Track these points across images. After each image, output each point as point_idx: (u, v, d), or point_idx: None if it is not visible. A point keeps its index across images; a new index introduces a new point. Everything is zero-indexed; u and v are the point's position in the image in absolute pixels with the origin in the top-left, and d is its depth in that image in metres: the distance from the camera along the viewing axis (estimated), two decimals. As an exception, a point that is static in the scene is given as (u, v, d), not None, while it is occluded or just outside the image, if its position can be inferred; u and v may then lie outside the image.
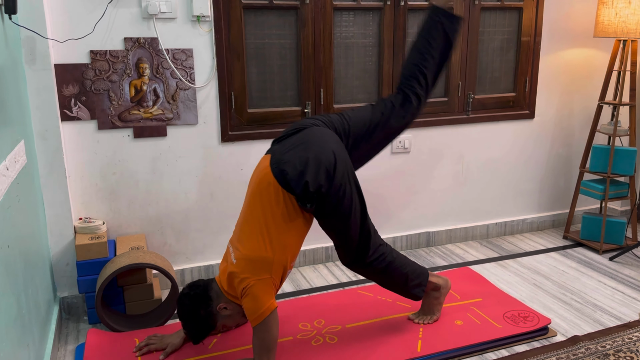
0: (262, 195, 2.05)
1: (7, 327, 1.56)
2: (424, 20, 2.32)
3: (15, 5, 1.96)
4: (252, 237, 2.05)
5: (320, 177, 2.02)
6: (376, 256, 2.24)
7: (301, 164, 2.01)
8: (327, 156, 2.05)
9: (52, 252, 2.59)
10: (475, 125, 3.39)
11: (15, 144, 1.98)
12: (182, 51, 2.68)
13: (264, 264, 2.03)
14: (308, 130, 2.15)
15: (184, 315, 2.15)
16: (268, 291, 2.02)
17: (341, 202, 2.09)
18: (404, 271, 2.32)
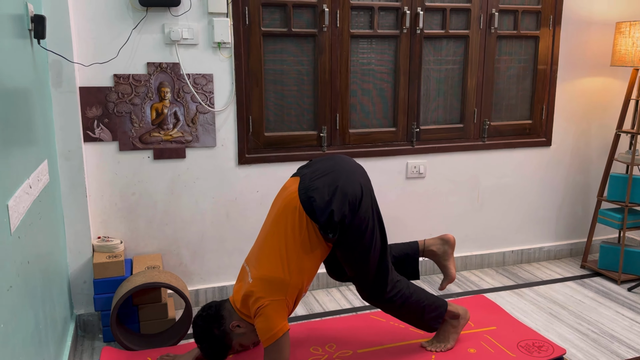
0: (286, 219, 2.08)
1: (24, 342, 1.59)
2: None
3: (44, 30, 2.06)
4: (271, 258, 2.08)
5: (345, 208, 2.05)
6: (394, 292, 2.25)
7: (329, 193, 2.05)
8: (354, 188, 2.09)
9: (70, 269, 2.64)
10: (491, 151, 3.40)
11: (39, 163, 2.05)
12: (202, 76, 2.75)
13: (280, 286, 2.04)
14: (339, 159, 2.20)
15: (199, 336, 2.17)
16: (281, 313, 2.04)
17: (363, 235, 2.12)
18: (422, 305, 2.32)
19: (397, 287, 2.26)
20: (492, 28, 3.22)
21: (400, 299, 2.26)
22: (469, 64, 3.24)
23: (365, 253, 2.16)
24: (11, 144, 1.60)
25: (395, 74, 3.14)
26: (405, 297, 2.27)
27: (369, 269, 2.19)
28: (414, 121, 3.21)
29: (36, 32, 2.04)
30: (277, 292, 2.04)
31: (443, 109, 3.29)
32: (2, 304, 1.38)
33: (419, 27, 3.07)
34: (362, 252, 2.16)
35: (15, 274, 1.54)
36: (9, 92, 1.63)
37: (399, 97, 3.15)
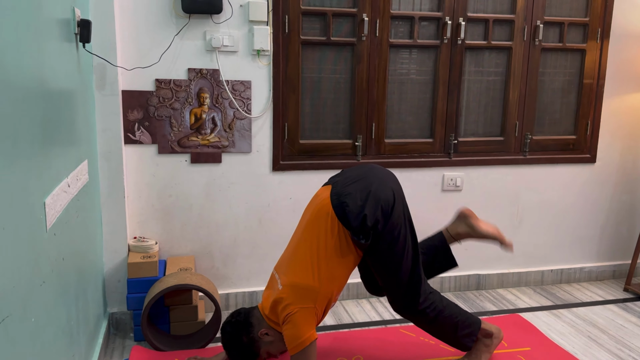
0: (318, 225, 2.07)
1: (55, 336, 1.63)
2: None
3: (89, 34, 2.13)
4: (302, 265, 2.06)
5: (378, 213, 2.03)
6: (427, 304, 2.20)
7: (362, 198, 2.03)
8: (386, 194, 2.07)
9: (105, 268, 2.70)
10: (532, 166, 3.30)
11: (79, 162, 2.11)
12: (241, 83, 2.78)
13: (310, 293, 2.03)
14: (371, 166, 2.20)
15: (227, 343, 2.18)
16: (310, 321, 2.02)
17: (395, 242, 2.09)
18: (455, 320, 2.26)
19: (430, 299, 2.20)
20: (536, 40, 3.14)
21: (433, 312, 2.20)
22: (511, 76, 3.17)
23: (398, 261, 2.12)
24: (52, 143, 1.65)
25: (434, 84, 3.10)
26: (438, 310, 2.21)
27: (401, 278, 2.15)
28: (452, 132, 3.15)
29: (82, 36, 2.11)
30: (306, 300, 2.03)
31: (483, 121, 3.22)
32: (35, 298, 1.42)
33: (460, 37, 3.03)
34: (394, 259, 2.12)
35: (50, 270, 1.58)
36: (53, 93, 1.69)
37: (437, 108, 3.11)
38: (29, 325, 1.36)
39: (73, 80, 2.03)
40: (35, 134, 1.47)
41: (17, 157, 1.30)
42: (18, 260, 1.28)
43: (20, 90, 1.33)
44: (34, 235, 1.43)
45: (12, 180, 1.26)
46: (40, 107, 1.53)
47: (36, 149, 1.47)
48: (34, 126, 1.46)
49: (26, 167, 1.37)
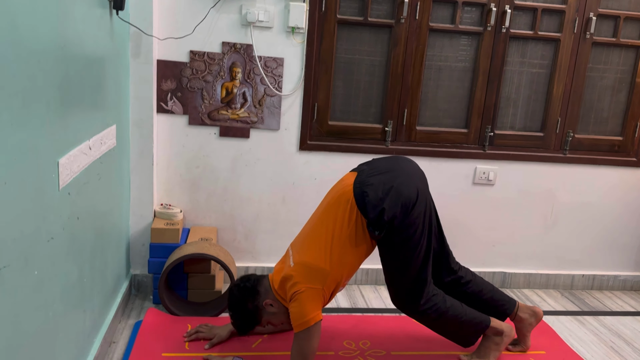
0: (337, 210, 2.07)
1: (64, 290, 1.71)
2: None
3: (122, 2, 2.17)
4: (316, 246, 2.07)
5: (397, 208, 2.01)
6: (429, 305, 2.17)
7: (383, 191, 2.02)
8: (409, 191, 2.05)
9: (131, 231, 2.79)
10: (572, 166, 3.16)
11: (106, 127, 2.18)
12: (273, 59, 2.78)
13: (319, 275, 2.04)
14: (400, 160, 2.18)
15: (232, 305, 2.22)
16: (316, 301, 2.03)
17: (409, 239, 2.07)
18: (459, 320, 2.23)
19: (432, 300, 2.18)
20: (587, 33, 2.97)
21: (435, 313, 2.18)
22: (557, 70, 3.02)
23: (407, 259, 2.10)
24: (72, 106, 1.71)
25: (473, 73, 3.00)
26: (441, 311, 2.18)
27: (407, 277, 2.13)
28: (489, 124, 3.05)
29: (115, 3, 2.16)
30: (315, 281, 2.03)
31: (523, 114, 3.10)
32: (40, 253, 1.49)
33: (505, 25, 2.90)
34: (404, 256, 2.10)
35: (60, 228, 1.65)
36: (78, 57, 1.74)
37: (475, 98, 3.01)
38: (32, 277, 1.43)
39: (103, 46, 2.09)
40: (51, 95, 1.52)
41: (28, 116, 1.36)
42: (21, 214, 1.34)
43: (34, 52, 1.38)
44: (43, 192, 1.49)
45: (19, 138, 1.31)
46: (60, 70, 1.58)
47: (52, 110, 1.53)
48: (51, 88, 1.51)
49: (38, 127, 1.43)
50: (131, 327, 2.52)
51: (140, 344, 2.30)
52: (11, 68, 1.24)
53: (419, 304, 2.16)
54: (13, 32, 1.25)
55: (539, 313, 2.43)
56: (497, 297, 2.39)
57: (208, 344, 2.33)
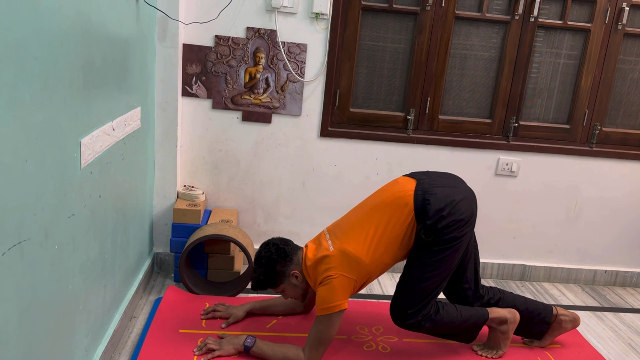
0: (392, 211, 2.11)
1: (83, 265, 1.79)
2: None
3: (149, -13, 2.22)
4: (361, 238, 2.10)
5: (452, 222, 2.07)
6: (418, 319, 2.17)
7: (445, 202, 2.08)
8: (468, 210, 2.12)
9: (155, 210, 2.88)
10: (598, 159, 3.09)
11: (130, 109, 2.24)
12: (297, 45, 2.80)
13: (357, 266, 2.07)
14: (458, 180, 2.26)
15: (261, 260, 2.18)
16: (346, 290, 2.07)
17: (446, 251, 2.10)
18: (455, 324, 2.24)
19: (423, 316, 2.17)
20: (619, 24, 2.89)
21: (428, 323, 2.19)
22: (586, 61, 2.95)
23: (434, 270, 2.12)
24: (95, 88, 1.76)
25: (499, 62, 2.95)
26: (434, 321, 2.19)
27: (420, 288, 2.14)
28: (514, 115, 3.01)
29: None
30: (351, 270, 2.07)
31: (549, 106, 3.05)
32: (60, 228, 1.56)
33: (533, 14, 2.85)
34: (432, 267, 2.12)
35: (81, 205, 1.72)
36: (101, 40, 1.80)
37: (500, 88, 2.97)
38: (51, 251, 1.50)
39: (128, 30, 2.14)
40: (74, 77, 1.57)
41: (50, 97, 1.41)
42: (41, 191, 1.41)
43: (57, 34, 1.43)
44: (64, 171, 1.55)
45: (41, 118, 1.37)
46: (83, 52, 1.64)
47: (74, 92, 1.58)
48: (73, 70, 1.57)
49: (60, 107, 1.49)
50: (151, 303, 2.60)
51: (159, 320, 2.38)
52: (32, 50, 1.30)
53: (409, 317, 2.16)
54: (35, 15, 1.30)
55: (577, 320, 2.43)
56: (532, 307, 2.40)
57: (224, 323, 2.39)
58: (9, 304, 1.29)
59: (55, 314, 1.58)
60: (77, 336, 1.78)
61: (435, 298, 2.18)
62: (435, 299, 2.19)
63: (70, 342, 1.72)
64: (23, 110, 1.28)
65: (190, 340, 2.25)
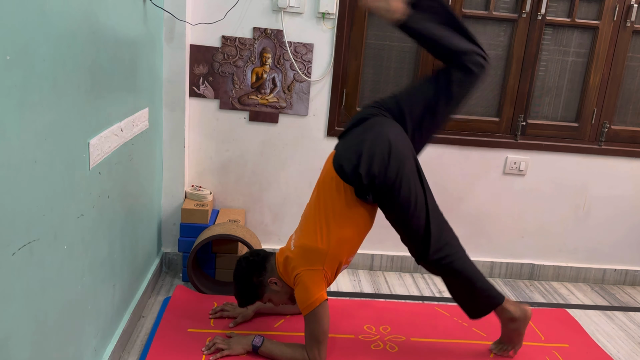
0: (325, 188, 2.11)
1: (93, 265, 1.80)
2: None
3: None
4: (311, 228, 2.12)
5: (373, 168, 2.01)
6: (440, 255, 2.13)
7: (356, 157, 2.03)
8: (381, 148, 2.03)
9: (163, 210, 2.89)
10: (607, 157, 3.07)
11: (138, 110, 2.25)
12: (303, 45, 2.80)
13: (317, 255, 2.07)
14: (367, 123, 2.13)
15: (237, 276, 2.22)
16: (318, 282, 2.07)
17: (398, 193, 2.04)
18: (474, 286, 2.19)
19: (444, 250, 2.13)
20: (627, 21, 2.87)
21: (448, 266, 2.14)
22: (594, 59, 2.93)
23: (405, 209, 2.07)
24: (103, 89, 1.77)
25: (506, 61, 2.94)
26: (455, 267, 2.14)
27: (415, 226, 2.10)
28: (521, 113, 3.00)
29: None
30: (314, 262, 2.07)
31: (557, 104, 3.03)
32: (70, 229, 1.57)
33: (540, 12, 2.83)
34: (402, 209, 2.07)
35: (90, 205, 1.73)
36: (108, 42, 1.81)
37: (508, 86, 2.96)
38: (60, 251, 1.52)
39: (136, 31, 2.15)
40: (82, 78, 1.59)
41: (58, 98, 1.43)
42: (50, 191, 1.42)
43: (64, 36, 1.44)
44: (73, 171, 1.56)
45: (49, 119, 1.38)
46: (91, 53, 1.65)
47: (82, 92, 1.60)
48: (81, 71, 1.58)
49: (68, 108, 1.50)
50: (160, 303, 2.62)
51: (168, 319, 2.40)
52: (40, 51, 1.31)
53: (428, 252, 2.12)
54: (43, 17, 1.32)
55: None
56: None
57: (232, 322, 2.40)
58: (19, 304, 1.30)
59: (65, 314, 1.59)
60: (87, 336, 1.79)
61: (432, 225, 2.11)
62: (444, 224, 2.16)
63: (80, 342, 1.73)
64: (32, 112, 1.29)
65: (199, 339, 2.26)
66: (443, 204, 3.05)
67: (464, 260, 2.18)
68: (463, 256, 2.19)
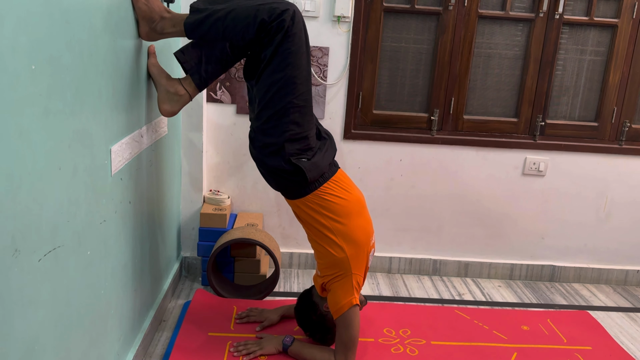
0: (299, 219, 2.21)
1: (115, 270, 1.82)
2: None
3: (173, -4, 2.25)
4: (320, 250, 2.13)
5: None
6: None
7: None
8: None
9: (182, 215, 2.91)
10: (628, 157, 3.03)
11: (157, 116, 2.27)
12: (319, 49, 2.81)
13: (341, 264, 2.07)
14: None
15: (303, 326, 2.30)
16: (346, 287, 2.07)
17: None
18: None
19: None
20: (647, 18, 2.83)
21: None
22: (613, 57, 2.90)
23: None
24: (122, 96, 1.80)
25: (524, 61, 2.92)
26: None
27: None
28: (540, 113, 2.97)
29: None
30: (340, 270, 2.08)
31: (576, 103, 3.00)
32: (93, 235, 1.59)
33: (558, 11, 2.81)
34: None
35: (112, 211, 1.75)
36: (127, 50, 1.83)
37: (526, 86, 2.93)
38: (84, 257, 1.54)
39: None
40: (103, 86, 1.61)
41: (81, 106, 1.45)
42: (75, 198, 1.44)
43: (87, 45, 1.46)
44: (96, 178, 1.58)
45: (73, 126, 1.40)
46: (112, 62, 1.67)
47: (104, 100, 1.62)
48: (102, 79, 1.60)
49: (90, 116, 1.52)
50: (180, 307, 2.63)
51: (188, 324, 2.41)
52: (65, 60, 1.33)
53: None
54: (67, 27, 1.34)
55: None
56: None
57: (259, 326, 2.41)
58: (45, 309, 1.32)
59: (89, 318, 1.61)
60: (110, 340, 1.81)
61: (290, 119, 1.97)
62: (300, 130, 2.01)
63: (103, 346, 1.75)
64: (56, 119, 1.31)
65: (220, 343, 2.27)
66: (462, 206, 3.05)
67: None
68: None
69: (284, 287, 2.92)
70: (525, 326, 2.58)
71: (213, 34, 1.87)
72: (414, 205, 3.05)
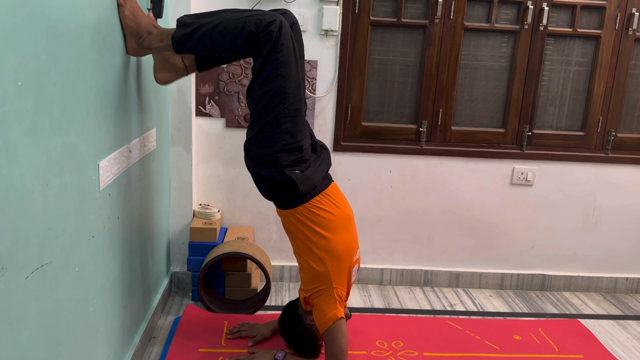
0: (286, 229, 2.19)
1: (104, 286, 1.80)
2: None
3: (161, 10, 2.25)
4: (302, 263, 2.13)
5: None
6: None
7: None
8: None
9: (171, 230, 2.89)
10: (614, 165, 3.07)
11: (146, 131, 2.27)
12: (307, 62, 2.83)
13: (322, 278, 2.07)
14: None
15: (286, 337, 2.31)
16: (330, 301, 2.06)
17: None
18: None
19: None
20: (629, 30, 2.88)
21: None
22: (597, 67, 2.94)
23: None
24: (111, 111, 1.79)
25: (510, 72, 2.95)
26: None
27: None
28: (527, 124, 3.00)
29: (154, 11, 2.24)
30: (321, 284, 2.07)
31: (562, 113, 3.03)
32: (81, 251, 1.58)
33: (542, 23, 2.85)
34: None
35: (100, 227, 1.74)
36: (117, 64, 1.83)
37: (512, 97, 2.96)
38: (72, 273, 1.52)
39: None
40: (91, 101, 1.60)
41: (69, 121, 1.44)
42: (62, 214, 1.43)
43: (74, 60, 1.46)
44: (84, 193, 1.57)
45: (60, 142, 1.39)
46: (100, 77, 1.67)
47: (92, 115, 1.61)
48: (90, 94, 1.59)
49: (78, 131, 1.51)
50: (171, 323, 2.61)
51: (179, 340, 2.38)
52: (51, 76, 1.33)
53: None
54: (54, 43, 1.34)
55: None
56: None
57: (251, 341, 2.39)
58: (33, 327, 1.30)
59: (78, 336, 1.59)
60: (99, 358, 1.79)
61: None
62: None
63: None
64: (43, 135, 1.30)
65: (211, 359, 2.25)
66: (452, 216, 3.06)
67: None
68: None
69: (275, 300, 2.90)
70: (517, 336, 2.58)
71: (201, 47, 1.88)
72: (404, 217, 3.06)
